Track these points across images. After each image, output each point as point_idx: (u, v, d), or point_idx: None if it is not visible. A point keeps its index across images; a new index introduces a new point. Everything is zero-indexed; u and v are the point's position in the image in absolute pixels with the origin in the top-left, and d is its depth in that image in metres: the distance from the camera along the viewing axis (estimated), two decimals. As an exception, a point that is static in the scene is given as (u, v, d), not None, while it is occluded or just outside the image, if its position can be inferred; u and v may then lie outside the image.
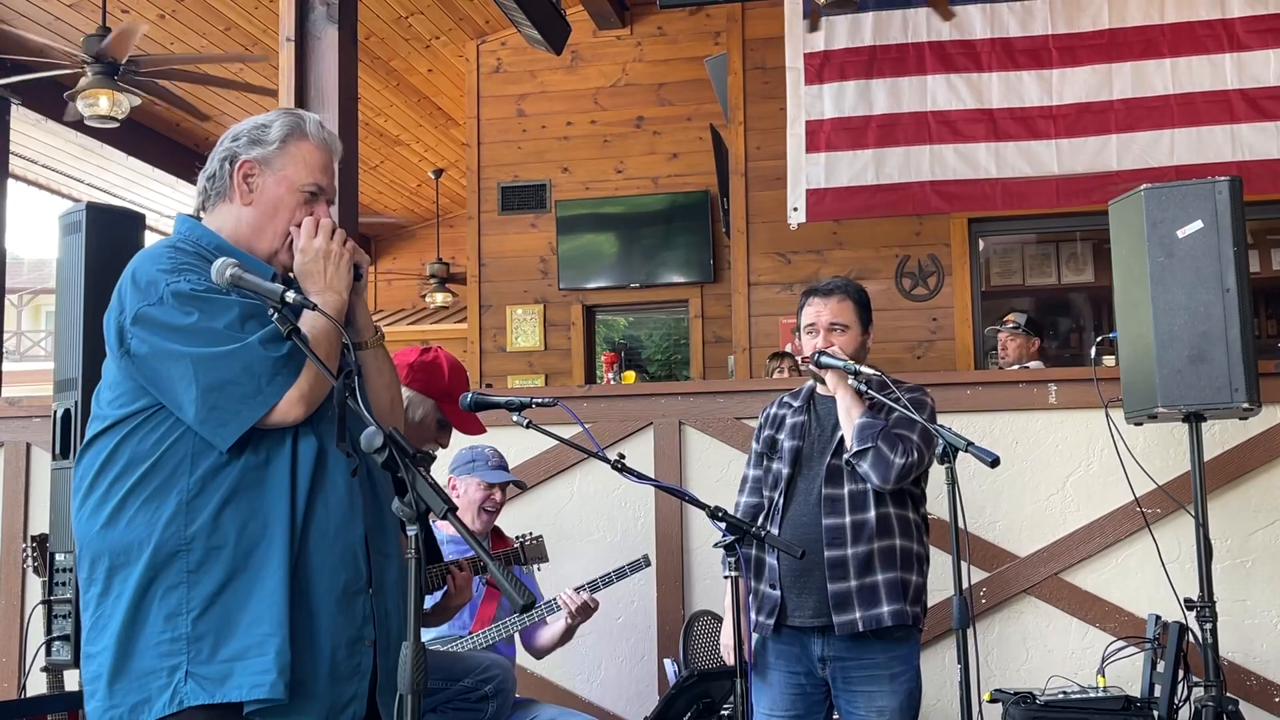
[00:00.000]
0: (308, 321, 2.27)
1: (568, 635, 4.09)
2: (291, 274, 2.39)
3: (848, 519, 3.47)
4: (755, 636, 3.58)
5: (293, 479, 2.26)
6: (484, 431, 3.32)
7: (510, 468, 4.32)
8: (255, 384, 2.19)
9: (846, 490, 3.50)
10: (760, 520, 3.62)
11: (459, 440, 3.43)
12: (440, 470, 4.06)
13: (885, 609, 3.42)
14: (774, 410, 3.76)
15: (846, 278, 4.64)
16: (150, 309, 2.23)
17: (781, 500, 3.57)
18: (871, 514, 3.47)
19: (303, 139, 2.43)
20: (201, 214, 2.46)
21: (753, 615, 3.56)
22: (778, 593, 3.51)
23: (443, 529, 3.85)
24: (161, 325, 2.22)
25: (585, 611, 4.03)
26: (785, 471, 3.59)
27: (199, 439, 2.23)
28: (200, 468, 2.22)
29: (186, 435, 2.23)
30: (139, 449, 2.24)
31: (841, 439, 3.53)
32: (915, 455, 3.45)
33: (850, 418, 3.49)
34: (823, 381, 3.61)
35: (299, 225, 2.38)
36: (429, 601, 3.46)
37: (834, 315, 3.60)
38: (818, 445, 3.59)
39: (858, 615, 3.41)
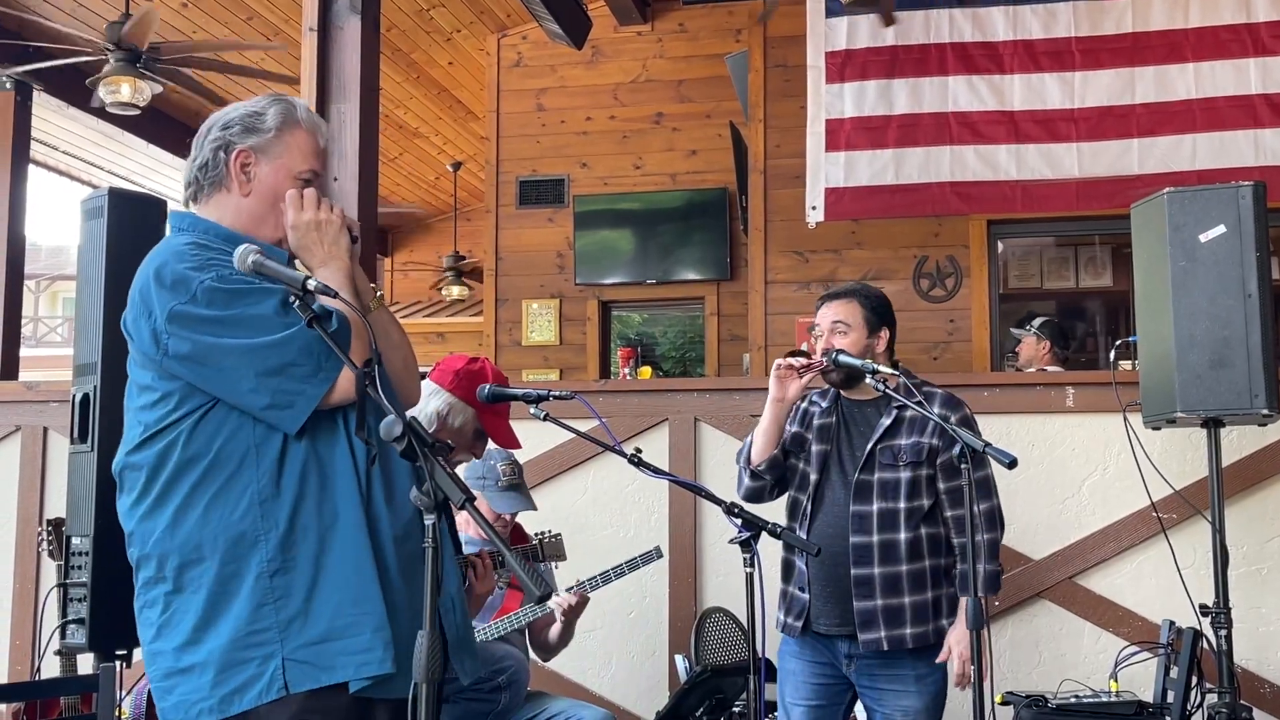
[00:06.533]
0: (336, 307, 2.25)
1: (566, 632, 4.08)
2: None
3: (875, 538, 3.45)
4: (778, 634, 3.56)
5: (354, 465, 2.25)
6: (519, 446, 3.28)
7: (525, 462, 4.30)
8: (315, 363, 2.19)
9: (875, 509, 3.47)
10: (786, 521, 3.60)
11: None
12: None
13: (908, 631, 3.43)
14: (803, 405, 3.71)
15: (864, 282, 4.62)
16: (186, 306, 2.20)
17: (810, 506, 3.55)
18: (903, 535, 3.45)
19: (296, 126, 2.40)
20: (192, 204, 2.41)
21: (781, 615, 3.54)
22: (807, 596, 3.49)
23: (467, 531, 3.84)
24: (203, 320, 2.19)
25: (579, 608, 3.99)
26: (813, 477, 3.56)
27: (259, 430, 2.22)
28: (267, 458, 2.21)
29: (245, 428, 2.22)
30: (192, 449, 2.22)
31: (871, 452, 3.49)
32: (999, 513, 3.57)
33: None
34: (843, 386, 3.59)
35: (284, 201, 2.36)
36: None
37: (836, 315, 3.58)
38: (846, 453, 3.56)
39: (882, 635, 3.42)
